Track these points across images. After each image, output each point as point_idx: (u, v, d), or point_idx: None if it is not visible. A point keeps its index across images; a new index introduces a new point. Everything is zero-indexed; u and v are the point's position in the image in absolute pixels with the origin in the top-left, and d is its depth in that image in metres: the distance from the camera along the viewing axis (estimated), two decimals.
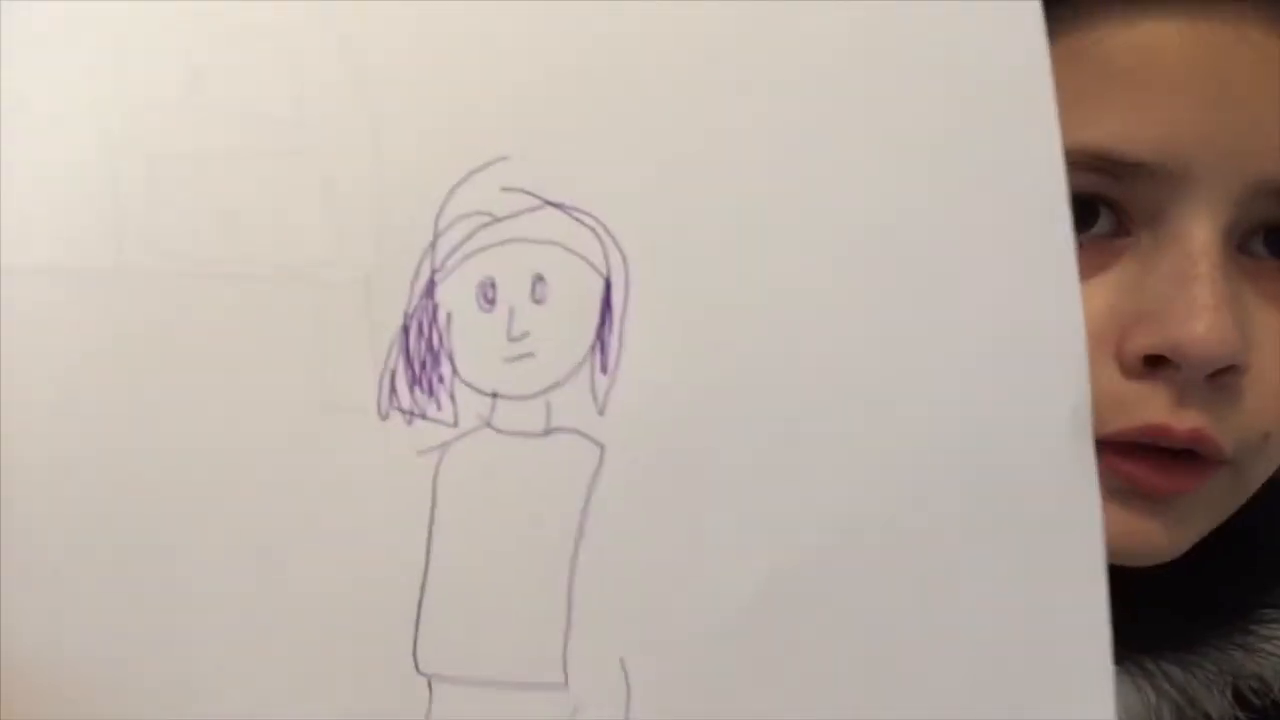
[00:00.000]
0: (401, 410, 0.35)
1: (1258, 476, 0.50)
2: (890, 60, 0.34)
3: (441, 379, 0.35)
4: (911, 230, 0.35)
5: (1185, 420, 0.45)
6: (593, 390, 0.35)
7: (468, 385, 0.35)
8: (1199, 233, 0.45)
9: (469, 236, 0.35)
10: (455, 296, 0.35)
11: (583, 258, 0.35)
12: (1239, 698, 0.53)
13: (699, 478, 0.35)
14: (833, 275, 0.35)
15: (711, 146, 0.35)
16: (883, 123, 0.34)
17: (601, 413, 0.35)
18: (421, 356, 0.35)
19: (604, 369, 0.35)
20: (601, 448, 0.35)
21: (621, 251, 0.35)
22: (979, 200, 0.34)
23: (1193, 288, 0.45)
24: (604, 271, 0.35)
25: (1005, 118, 0.34)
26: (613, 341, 0.35)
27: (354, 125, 0.35)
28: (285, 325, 0.35)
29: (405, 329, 0.35)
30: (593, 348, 0.35)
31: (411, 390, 0.35)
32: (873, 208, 0.34)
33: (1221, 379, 0.46)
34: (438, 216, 0.35)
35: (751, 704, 0.36)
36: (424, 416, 0.35)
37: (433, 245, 0.35)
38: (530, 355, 0.35)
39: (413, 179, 0.35)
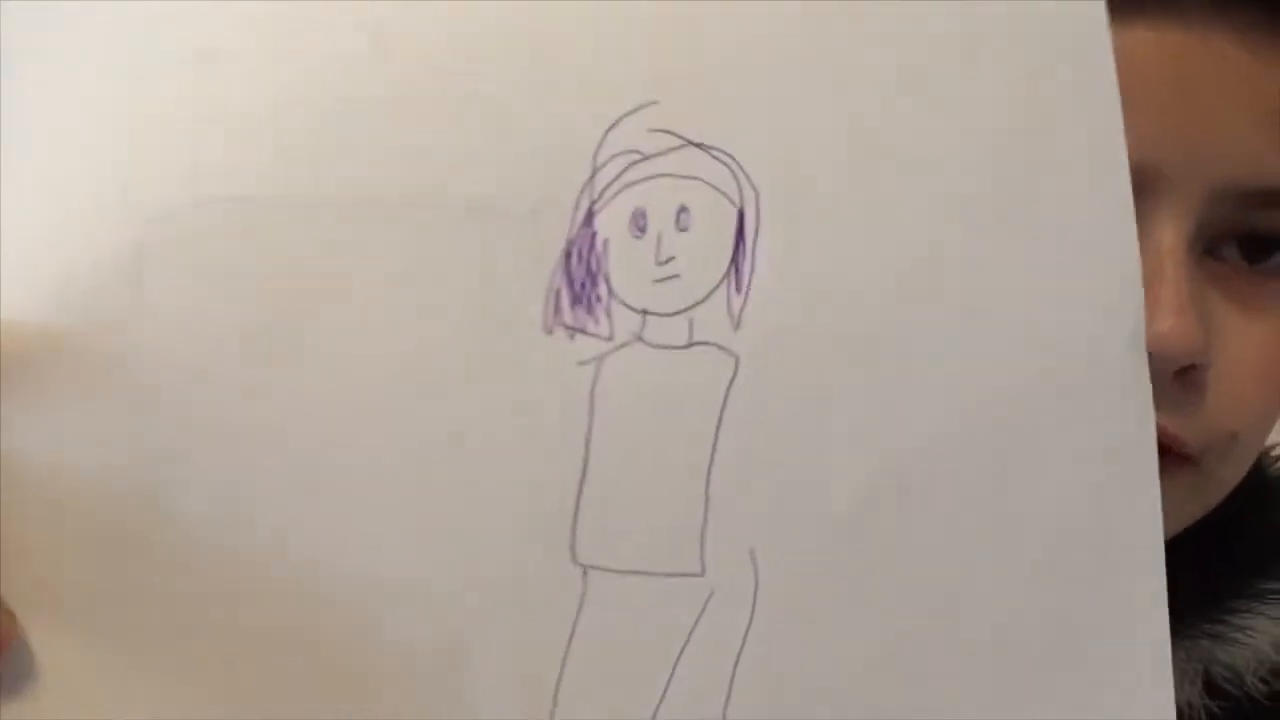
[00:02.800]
0: (564, 326, 0.40)
1: (1227, 478, 0.52)
2: (982, 33, 0.41)
3: (599, 298, 0.40)
4: (1000, 171, 0.41)
5: None
6: (729, 308, 0.40)
7: (622, 303, 0.40)
8: (1165, 235, 0.48)
9: (622, 172, 0.40)
10: (611, 225, 0.40)
11: (720, 191, 0.40)
12: (1211, 687, 0.55)
13: (820, 384, 0.41)
14: (934, 213, 0.41)
15: (832, 95, 0.41)
16: (980, 79, 0.41)
17: (736, 328, 0.41)
18: (581, 278, 0.40)
19: (738, 289, 0.40)
20: (736, 358, 0.41)
21: (754, 186, 0.40)
22: (1056, 157, 0.41)
23: (1157, 288, 0.46)
24: (738, 203, 0.40)
25: (1072, 78, 0.41)
26: (746, 265, 0.40)
27: (522, 76, 0.39)
28: (463, 251, 0.39)
29: (567, 254, 0.40)
30: (729, 270, 0.40)
31: (573, 308, 0.40)
32: (967, 146, 0.41)
33: (1187, 378, 0.48)
34: (595, 154, 0.40)
35: (857, 595, 0.42)
36: (583, 331, 0.40)
37: (591, 180, 0.40)
38: (676, 277, 0.40)
39: (574, 122, 0.39)
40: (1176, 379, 0.48)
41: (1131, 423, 0.42)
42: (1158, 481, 0.43)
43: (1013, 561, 0.43)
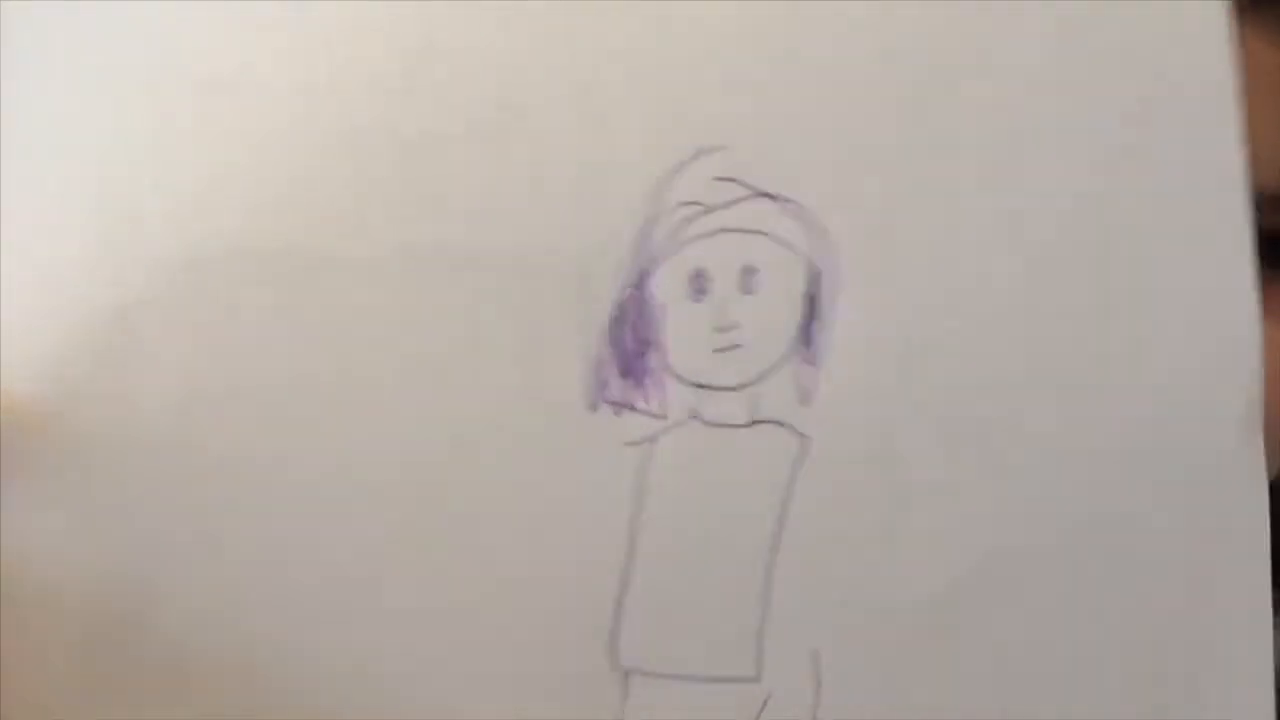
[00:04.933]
0: (610, 402, 0.35)
1: None
2: (1086, 64, 0.36)
3: (650, 370, 0.35)
4: (1103, 231, 0.36)
5: None
6: (797, 382, 0.35)
7: (676, 376, 0.35)
8: None
9: (681, 226, 0.35)
10: (667, 287, 0.35)
11: (792, 248, 0.35)
12: None
13: (899, 473, 0.36)
14: (1030, 274, 0.36)
15: (919, 142, 0.35)
16: (1078, 124, 0.36)
17: (806, 404, 0.35)
18: (631, 347, 0.35)
19: (810, 361, 0.35)
20: (805, 439, 0.36)
21: (831, 243, 0.35)
22: (1165, 201, 0.36)
23: None
24: (813, 263, 0.35)
25: (1191, 120, 0.36)
26: (819, 333, 0.35)
27: (569, 118, 0.34)
28: (496, 313, 0.34)
29: (616, 319, 0.34)
30: (799, 339, 0.35)
31: (622, 381, 0.35)
32: (1068, 208, 0.36)
33: None
34: (651, 205, 0.34)
35: (936, 698, 0.37)
36: (632, 408, 0.35)
37: (645, 234, 0.34)
38: (739, 346, 0.35)
39: (626, 169, 0.34)
40: None
41: (1243, 509, 0.37)
42: (1269, 570, 0.38)
43: (1108, 662, 0.38)
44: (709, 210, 0.35)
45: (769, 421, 0.35)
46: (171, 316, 0.33)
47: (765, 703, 0.37)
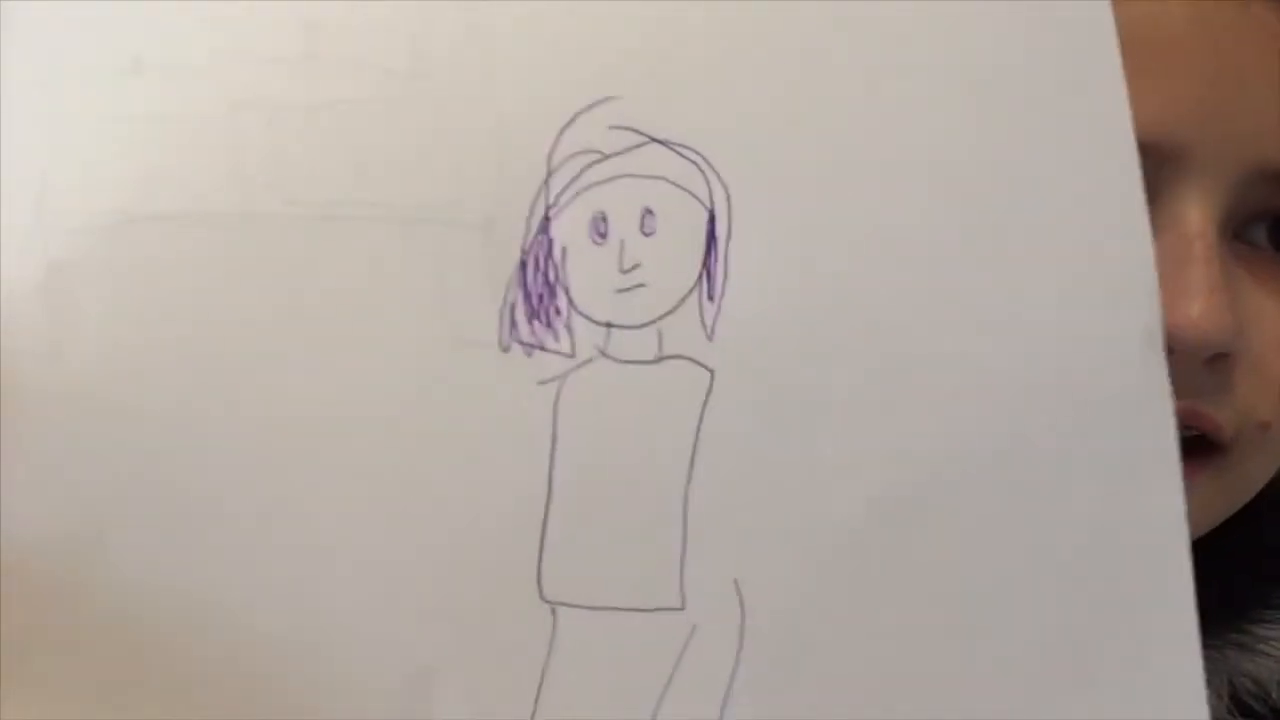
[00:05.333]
0: (521, 343, 0.36)
1: (1255, 475, 0.50)
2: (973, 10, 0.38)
3: (559, 311, 0.37)
4: (996, 165, 0.38)
5: (1180, 404, 0.43)
6: (701, 318, 0.37)
7: (583, 316, 0.37)
8: (1194, 215, 0.45)
9: (580, 174, 0.36)
10: (569, 231, 0.36)
11: (688, 191, 0.37)
12: (1236, 701, 0.53)
13: (806, 401, 0.38)
14: (923, 205, 0.38)
15: (806, 84, 0.37)
16: (963, 57, 0.38)
17: (710, 338, 0.37)
18: (539, 290, 0.36)
19: (711, 297, 0.37)
20: (711, 373, 0.37)
21: (724, 184, 0.37)
22: (1056, 139, 0.38)
23: (1188, 271, 0.44)
24: (708, 204, 0.37)
25: (1073, 45, 0.38)
26: (718, 270, 0.37)
27: (470, 75, 0.36)
28: (409, 266, 0.36)
29: (523, 264, 0.36)
30: (699, 277, 0.37)
31: (530, 323, 0.36)
32: (959, 142, 0.38)
33: (1218, 364, 0.46)
34: (550, 155, 0.36)
35: (860, 623, 0.38)
36: (543, 348, 0.37)
37: (546, 183, 0.36)
38: (641, 286, 0.37)
39: (525, 121, 0.36)
40: (1208, 366, 0.46)
41: (1150, 428, 0.39)
42: (1181, 487, 0.39)
43: (1026, 581, 0.39)
44: (606, 157, 0.37)
45: (675, 357, 0.37)
46: (95, 278, 0.35)
47: (692, 631, 0.38)
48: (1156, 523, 0.39)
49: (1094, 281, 0.39)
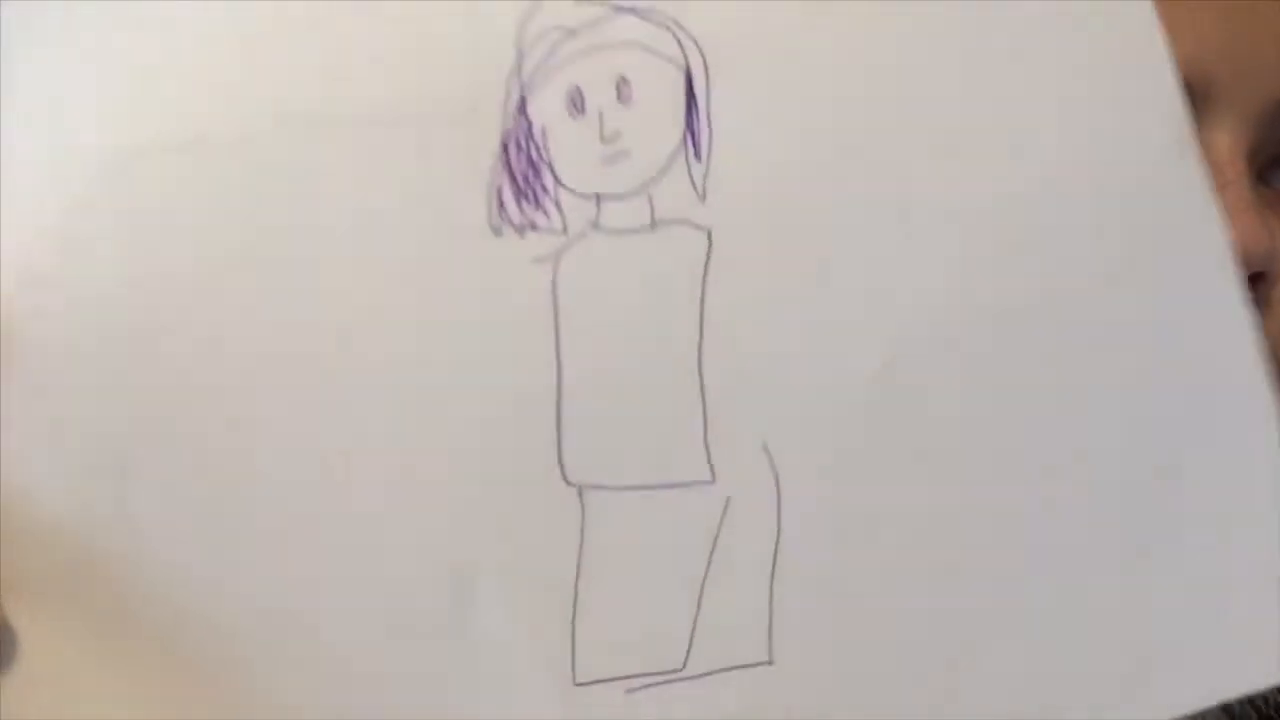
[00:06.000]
0: (513, 224, 0.36)
1: None
2: None
3: (545, 189, 0.36)
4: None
5: None
6: (690, 178, 0.37)
7: (570, 191, 0.37)
8: (1224, 143, 0.46)
9: (551, 51, 0.36)
10: (546, 109, 0.36)
11: (661, 54, 0.37)
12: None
13: (808, 253, 0.37)
14: (918, 34, 0.37)
15: None
16: None
17: (703, 199, 0.37)
18: (523, 170, 0.36)
19: (698, 156, 0.37)
20: (708, 232, 0.37)
21: (697, 43, 0.37)
22: None
23: (1223, 195, 0.42)
24: (682, 64, 0.37)
25: None
26: (702, 128, 0.37)
27: None
28: (394, 162, 0.36)
29: (505, 147, 0.36)
30: (684, 138, 0.37)
31: (519, 204, 0.36)
32: None
33: (1256, 291, 0.45)
34: (519, 37, 0.36)
35: (893, 478, 0.37)
36: (534, 227, 0.36)
37: (518, 65, 0.36)
38: (625, 153, 0.37)
39: (493, 6, 0.36)
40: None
41: (1197, 232, 0.37)
42: (1240, 289, 0.38)
43: (1076, 412, 0.38)
44: (575, 32, 0.37)
45: (670, 221, 0.37)
46: (108, 212, 0.36)
47: (726, 504, 0.37)
48: (1220, 335, 0.37)
49: (1114, 93, 0.37)
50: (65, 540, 0.36)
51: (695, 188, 0.37)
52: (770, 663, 0.38)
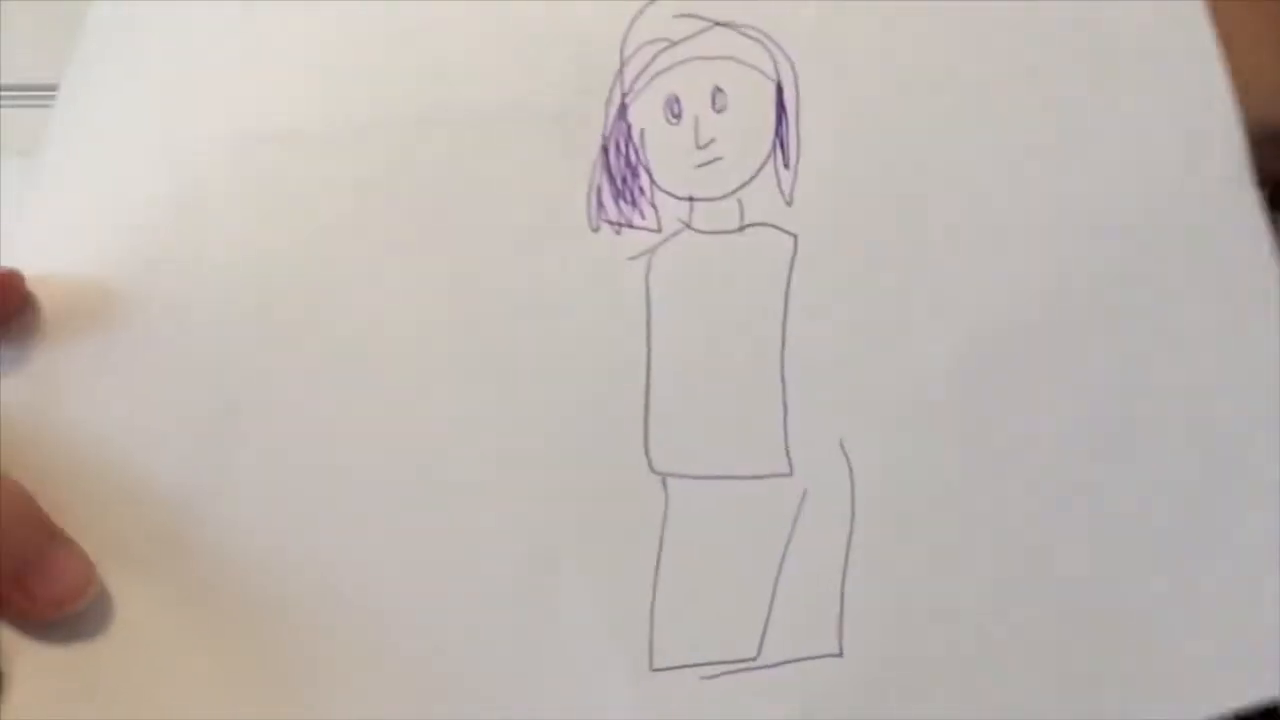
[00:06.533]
0: (610, 222, 0.38)
1: None
2: None
3: (642, 190, 0.38)
4: (1070, 21, 0.39)
5: None
6: (779, 185, 0.39)
7: (665, 193, 0.38)
8: None
9: (651, 60, 0.39)
10: (645, 115, 0.38)
11: (754, 67, 0.39)
12: None
13: (891, 256, 0.39)
14: (990, 53, 0.39)
15: None
16: None
17: (789, 204, 0.39)
18: (621, 172, 0.38)
19: (786, 164, 0.39)
20: (794, 236, 0.39)
21: (789, 57, 0.39)
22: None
23: None
24: (774, 76, 0.39)
25: None
26: (791, 139, 0.39)
27: None
28: (498, 161, 0.38)
29: (605, 149, 0.38)
30: (773, 146, 0.39)
31: (616, 203, 0.38)
32: None
33: None
34: (622, 46, 0.39)
35: (967, 470, 0.39)
36: (630, 225, 0.38)
37: (620, 72, 0.38)
38: (718, 159, 0.39)
39: (598, 16, 0.39)
40: None
41: (1247, 259, 0.39)
42: None
43: (1141, 415, 0.39)
44: (674, 43, 0.39)
45: (758, 224, 0.39)
46: (227, 193, 0.38)
47: (804, 496, 0.39)
48: (1260, 355, 0.39)
49: (1173, 120, 0.39)
50: (167, 508, 0.37)
51: (783, 194, 0.39)
52: (840, 654, 0.39)
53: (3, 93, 0.42)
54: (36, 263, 0.38)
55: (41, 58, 0.41)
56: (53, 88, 0.39)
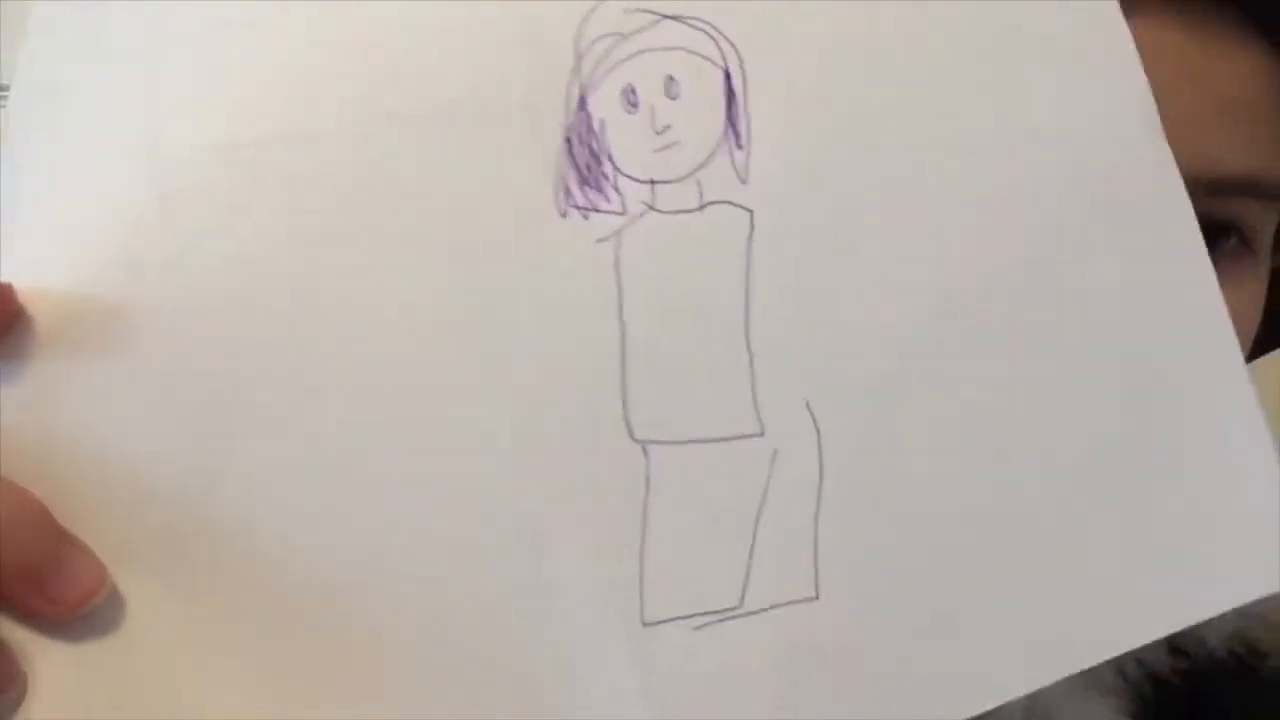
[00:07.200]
0: (577, 207, 0.41)
1: None
2: None
3: (606, 176, 0.41)
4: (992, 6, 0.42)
5: None
6: (733, 164, 0.41)
7: (628, 177, 0.41)
8: None
9: (606, 54, 0.41)
10: (604, 105, 0.41)
11: (703, 56, 0.42)
12: (1174, 647, 0.57)
13: (841, 224, 0.42)
14: (926, 35, 0.42)
15: None
16: None
17: (744, 182, 0.41)
18: (586, 160, 0.41)
19: (739, 144, 0.41)
20: (750, 212, 0.41)
21: (734, 45, 0.42)
22: None
23: None
24: (721, 64, 0.42)
25: None
26: (741, 120, 0.41)
27: None
28: (465, 154, 0.40)
29: (568, 140, 0.41)
30: (725, 129, 0.41)
31: (582, 189, 0.41)
32: None
33: None
34: (576, 41, 0.41)
35: (926, 426, 0.42)
36: (596, 210, 0.41)
37: (577, 65, 0.41)
38: (676, 143, 0.41)
39: (552, 15, 0.41)
40: None
41: (1167, 207, 0.42)
42: (1210, 264, 0.43)
43: (1083, 367, 0.42)
44: (627, 37, 0.41)
45: (716, 202, 0.41)
46: (208, 199, 0.39)
47: (775, 455, 0.42)
48: (1194, 299, 0.43)
49: (1091, 86, 0.42)
50: (172, 507, 0.39)
51: (737, 173, 0.41)
52: (817, 598, 0.42)
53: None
54: (22, 272, 0.39)
55: None
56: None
